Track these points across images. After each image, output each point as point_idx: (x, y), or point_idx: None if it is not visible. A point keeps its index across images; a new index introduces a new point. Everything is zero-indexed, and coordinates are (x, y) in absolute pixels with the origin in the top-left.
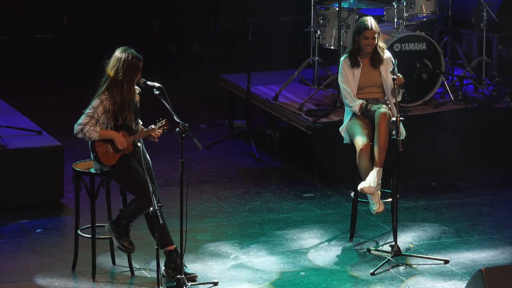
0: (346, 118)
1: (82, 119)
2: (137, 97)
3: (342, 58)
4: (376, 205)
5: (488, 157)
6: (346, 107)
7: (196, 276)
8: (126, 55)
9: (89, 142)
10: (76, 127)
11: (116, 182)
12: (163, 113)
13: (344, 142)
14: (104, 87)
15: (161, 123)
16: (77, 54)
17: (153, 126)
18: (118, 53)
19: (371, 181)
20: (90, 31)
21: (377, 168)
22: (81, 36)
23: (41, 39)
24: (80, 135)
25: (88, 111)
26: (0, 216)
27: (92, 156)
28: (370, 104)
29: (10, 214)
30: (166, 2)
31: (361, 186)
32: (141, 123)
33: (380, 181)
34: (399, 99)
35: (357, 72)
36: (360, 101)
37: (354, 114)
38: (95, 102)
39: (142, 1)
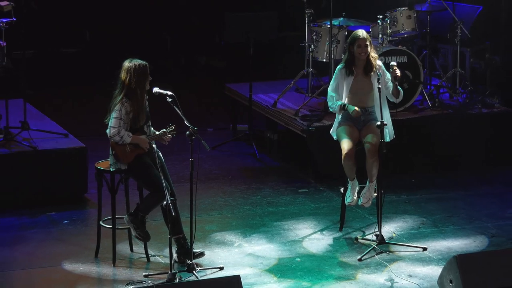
0: (336, 122)
1: (113, 123)
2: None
3: (338, 67)
4: (351, 197)
5: (463, 157)
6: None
7: (203, 253)
8: (134, 64)
9: (110, 142)
10: (112, 131)
11: (134, 179)
12: (171, 117)
13: (335, 139)
14: (121, 94)
15: (171, 128)
16: (97, 65)
17: (164, 130)
18: (126, 64)
19: (361, 195)
20: (110, 45)
21: (371, 183)
22: (102, 49)
23: (66, 53)
24: (116, 138)
25: (115, 115)
26: (31, 209)
27: (111, 154)
28: (347, 105)
29: (40, 207)
30: (177, 19)
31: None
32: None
33: (373, 196)
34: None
35: (351, 79)
36: (340, 103)
37: (343, 120)
38: (118, 107)
39: (156, 18)
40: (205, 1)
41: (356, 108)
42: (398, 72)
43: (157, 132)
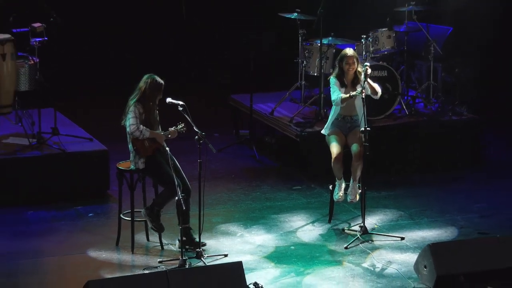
0: (328, 123)
1: (131, 121)
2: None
3: (332, 78)
4: (339, 194)
5: (436, 158)
6: (331, 112)
7: (205, 244)
8: (152, 79)
9: (130, 139)
10: (131, 127)
11: (150, 177)
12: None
13: (325, 134)
14: (135, 99)
15: (181, 125)
16: (119, 79)
17: (175, 127)
18: (145, 78)
19: (347, 192)
20: (131, 62)
21: (354, 182)
22: (123, 66)
23: (89, 67)
24: (137, 133)
25: (131, 114)
26: (60, 203)
27: (132, 150)
28: (350, 93)
29: (68, 202)
30: (190, 41)
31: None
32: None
33: (358, 194)
34: (363, 92)
35: (342, 90)
36: (343, 93)
37: (332, 127)
38: (132, 108)
39: (174, 41)
40: (216, 22)
41: (347, 96)
42: (369, 71)
43: (170, 129)
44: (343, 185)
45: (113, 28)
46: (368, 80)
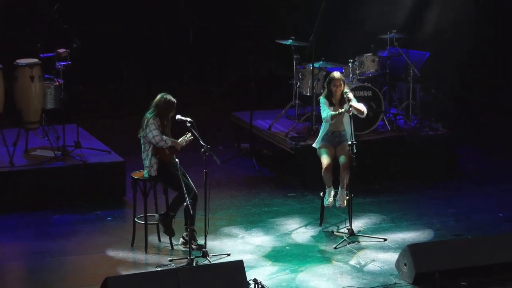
0: (319, 137)
1: (155, 133)
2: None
3: (321, 98)
4: (329, 199)
5: (414, 169)
6: (321, 127)
7: (203, 246)
8: (166, 97)
9: (151, 150)
10: (156, 138)
11: (161, 183)
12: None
13: (316, 148)
14: (153, 114)
15: (189, 135)
16: (133, 98)
17: (185, 137)
18: (160, 96)
19: (336, 199)
20: (144, 82)
21: (342, 189)
22: (138, 85)
23: (106, 88)
24: (161, 143)
25: (152, 126)
26: (82, 209)
27: (147, 158)
28: (338, 110)
29: (88, 207)
30: (199, 67)
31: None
32: None
33: (346, 200)
34: (350, 110)
35: (331, 109)
36: (332, 111)
37: (323, 141)
38: (151, 121)
39: (181, 66)
40: (223, 48)
41: (335, 113)
42: (350, 96)
43: (184, 138)
44: (332, 192)
45: (127, 52)
46: (352, 103)
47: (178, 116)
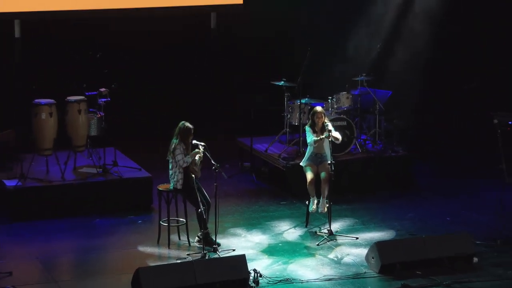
0: (306, 157)
1: (179, 157)
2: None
3: (307, 127)
4: (312, 207)
5: (380, 182)
6: (307, 150)
7: (219, 244)
8: (185, 125)
9: (177, 168)
10: (180, 162)
11: (182, 195)
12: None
13: (303, 166)
14: (177, 141)
15: (200, 150)
16: (160, 126)
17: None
18: (180, 124)
19: (318, 206)
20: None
21: (323, 199)
22: (163, 115)
23: (137, 118)
24: (185, 164)
25: (178, 151)
26: (118, 213)
27: (178, 175)
28: (319, 136)
29: (123, 213)
30: (213, 102)
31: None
32: None
33: (326, 207)
34: (329, 137)
35: (314, 135)
36: (315, 137)
37: (308, 160)
38: (177, 147)
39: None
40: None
41: (317, 138)
42: (330, 127)
43: (197, 151)
44: (316, 201)
45: (155, 89)
46: (332, 134)
47: (194, 141)
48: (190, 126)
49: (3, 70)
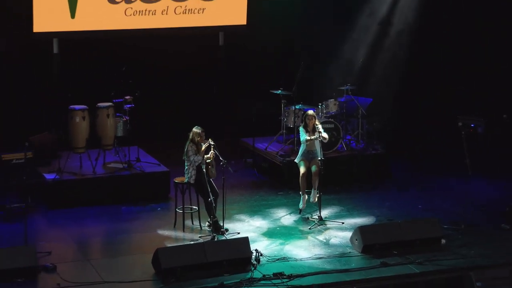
0: (299, 154)
1: (191, 158)
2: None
3: (300, 128)
4: (302, 204)
5: (362, 175)
6: (300, 148)
7: (227, 230)
8: (194, 130)
9: (191, 166)
10: (194, 161)
11: (194, 188)
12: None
13: (297, 162)
14: (189, 143)
15: (208, 144)
16: (176, 127)
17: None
18: (193, 129)
19: (310, 197)
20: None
21: (314, 189)
22: (179, 119)
23: (156, 121)
24: (195, 163)
25: (190, 153)
26: (140, 202)
27: (191, 172)
28: (311, 136)
29: (145, 201)
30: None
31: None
32: None
33: (316, 197)
34: (319, 137)
35: (307, 135)
36: (307, 136)
37: (302, 156)
38: (189, 149)
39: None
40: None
41: (309, 138)
42: (320, 128)
43: (205, 145)
44: (306, 198)
45: (172, 97)
46: (321, 134)
47: (210, 141)
48: (199, 130)
49: (43, 81)
